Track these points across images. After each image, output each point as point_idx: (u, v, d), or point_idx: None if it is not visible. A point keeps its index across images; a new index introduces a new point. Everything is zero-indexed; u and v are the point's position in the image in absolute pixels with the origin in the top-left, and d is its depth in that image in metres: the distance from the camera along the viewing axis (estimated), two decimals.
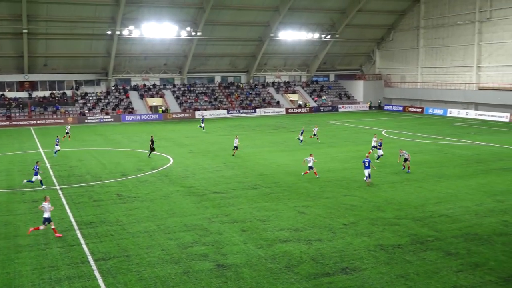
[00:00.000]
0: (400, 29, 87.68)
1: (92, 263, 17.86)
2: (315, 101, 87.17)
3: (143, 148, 44.50)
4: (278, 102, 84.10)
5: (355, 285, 15.74)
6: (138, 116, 73.62)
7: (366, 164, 29.20)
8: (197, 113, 76.56)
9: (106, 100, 76.77)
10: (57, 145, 40.94)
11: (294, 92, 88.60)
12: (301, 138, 46.20)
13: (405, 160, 33.00)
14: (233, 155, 40.01)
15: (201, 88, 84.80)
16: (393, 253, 18.20)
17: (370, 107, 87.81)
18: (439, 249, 18.49)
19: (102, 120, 71.39)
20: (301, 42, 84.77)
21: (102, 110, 74.11)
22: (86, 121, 71.03)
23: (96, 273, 17.07)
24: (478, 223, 21.52)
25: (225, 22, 76.36)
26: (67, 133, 51.75)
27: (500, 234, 20.03)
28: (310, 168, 31.35)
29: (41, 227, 20.77)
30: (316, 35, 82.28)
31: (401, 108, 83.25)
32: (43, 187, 29.35)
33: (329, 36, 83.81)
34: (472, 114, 70.65)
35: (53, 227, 20.89)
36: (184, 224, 22.14)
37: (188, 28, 73.22)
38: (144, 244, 19.72)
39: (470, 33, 74.61)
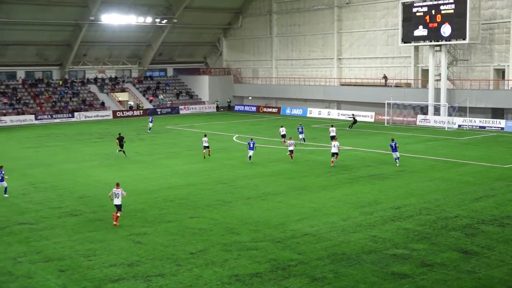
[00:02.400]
0: (250, 13, 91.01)
1: None
2: (151, 101, 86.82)
3: None
4: (103, 104, 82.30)
5: None
6: None
7: (251, 146, 40.76)
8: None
9: None
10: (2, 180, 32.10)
11: (123, 90, 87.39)
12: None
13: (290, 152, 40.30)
14: (208, 155, 43.95)
15: None
16: (251, 284, 18.69)
17: (217, 107, 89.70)
18: (303, 274, 19.38)
19: None
20: (130, 28, 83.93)
21: None
22: None
23: None
24: (346, 240, 22.98)
25: (28, 1, 72.86)
26: None
27: (369, 251, 21.59)
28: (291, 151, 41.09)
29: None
30: (148, 19, 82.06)
31: (254, 109, 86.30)
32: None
33: (165, 21, 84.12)
34: (334, 113, 75.54)
35: (117, 214, 25.73)
36: None
37: None
38: None
39: (329, 20, 79.91)
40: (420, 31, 64.30)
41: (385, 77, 73.09)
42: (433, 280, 18.70)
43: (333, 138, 47.20)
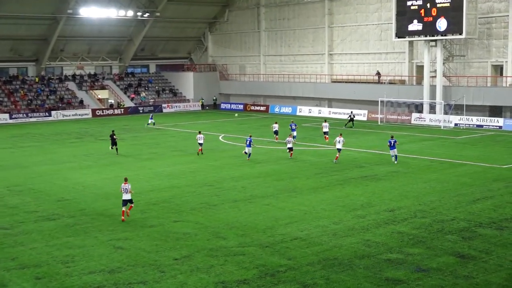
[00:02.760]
0: (237, 7, 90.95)
1: None
2: (132, 99, 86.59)
3: None
4: (81, 102, 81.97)
5: None
6: None
7: (247, 143, 42.47)
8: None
9: None
10: None
11: (103, 88, 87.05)
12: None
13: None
14: (197, 154, 45.15)
15: None
16: None
17: (202, 106, 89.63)
18: (293, 280, 19.41)
19: None
20: (110, 22, 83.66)
21: None
22: None
23: None
24: (337, 244, 23.04)
25: None
26: None
27: (362, 256, 21.66)
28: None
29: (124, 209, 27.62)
30: (130, 13, 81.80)
31: (241, 107, 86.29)
32: None
33: (147, 15, 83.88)
34: (325, 112, 75.66)
35: (126, 209, 27.44)
36: None
37: None
38: None
39: (320, 13, 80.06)
40: (415, 26, 64.57)
41: (378, 74, 73.33)
42: (429, 285, 18.79)
43: (325, 133, 50.79)
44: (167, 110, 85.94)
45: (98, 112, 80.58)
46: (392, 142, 40.37)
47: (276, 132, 52.28)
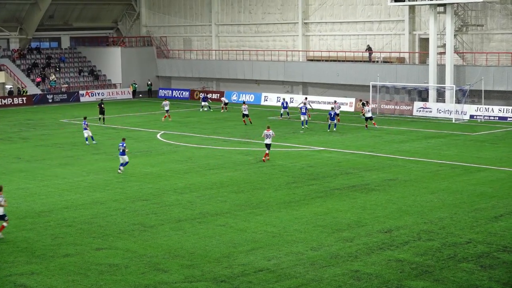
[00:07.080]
0: None
1: None
2: (38, 84, 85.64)
3: None
4: None
5: None
6: None
7: (303, 110, 49.40)
8: None
9: None
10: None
11: None
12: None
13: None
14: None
15: None
16: None
17: (134, 92, 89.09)
18: None
19: None
20: None
21: None
22: None
23: None
24: (317, 277, 23.09)
25: None
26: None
27: None
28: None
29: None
30: None
31: (187, 94, 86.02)
32: None
33: None
34: (299, 100, 75.73)
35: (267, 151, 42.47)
36: None
37: None
38: None
39: None
40: None
41: (369, 49, 73.72)
42: None
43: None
44: (86, 98, 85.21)
45: None
46: (333, 114, 48.61)
47: (225, 105, 61.99)
